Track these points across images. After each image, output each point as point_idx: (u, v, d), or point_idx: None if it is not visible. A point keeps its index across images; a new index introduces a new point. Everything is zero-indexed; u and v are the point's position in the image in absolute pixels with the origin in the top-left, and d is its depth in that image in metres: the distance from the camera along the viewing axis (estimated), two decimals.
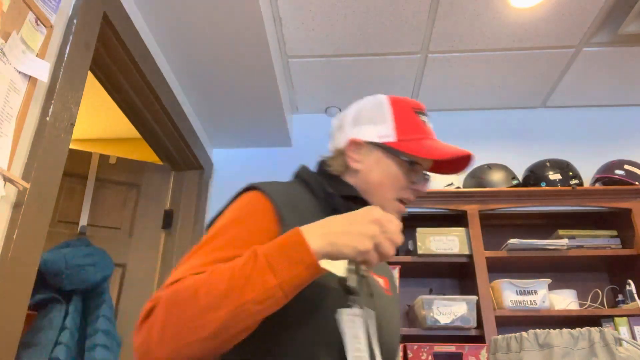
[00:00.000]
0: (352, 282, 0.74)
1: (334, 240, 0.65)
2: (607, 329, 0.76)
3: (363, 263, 0.68)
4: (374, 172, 0.91)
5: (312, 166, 0.99)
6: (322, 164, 0.97)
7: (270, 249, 0.64)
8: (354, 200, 0.89)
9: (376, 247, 0.66)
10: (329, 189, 0.89)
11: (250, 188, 0.84)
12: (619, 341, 0.73)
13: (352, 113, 0.98)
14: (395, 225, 0.68)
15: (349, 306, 0.73)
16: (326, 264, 0.72)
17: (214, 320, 0.60)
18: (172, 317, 0.61)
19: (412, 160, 0.90)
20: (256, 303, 0.61)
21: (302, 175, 0.94)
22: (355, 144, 0.93)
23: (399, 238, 0.68)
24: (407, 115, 0.93)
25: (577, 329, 0.77)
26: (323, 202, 0.88)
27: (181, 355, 0.60)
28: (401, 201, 0.91)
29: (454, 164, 0.97)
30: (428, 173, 0.96)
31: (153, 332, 0.61)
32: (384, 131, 0.91)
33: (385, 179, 0.90)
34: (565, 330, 0.76)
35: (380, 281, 0.92)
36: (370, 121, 0.94)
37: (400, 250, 2.34)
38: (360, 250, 0.65)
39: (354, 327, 0.72)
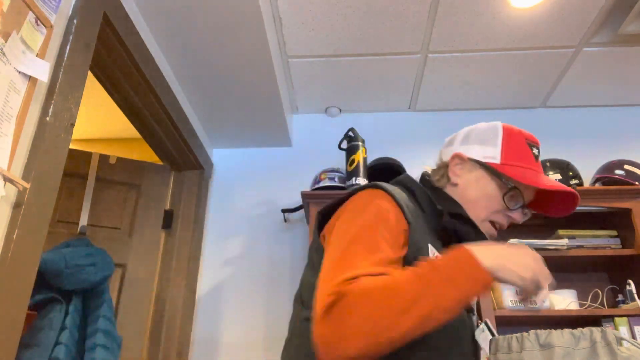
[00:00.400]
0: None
1: (504, 264, 0.70)
2: (609, 329, 0.76)
3: (523, 293, 0.76)
4: (472, 189, 0.94)
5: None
6: (425, 175, 1.01)
7: (450, 263, 0.70)
8: (458, 217, 0.92)
9: (533, 280, 0.72)
10: (438, 206, 0.92)
11: (374, 186, 0.88)
12: (620, 341, 0.73)
13: (465, 131, 1.02)
14: (547, 269, 0.74)
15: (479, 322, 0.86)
16: None
17: (406, 322, 0.64)
18: (371, 313, 0.65)
19: (511, 184, 0.92)
20: (442, 312, 0.66)
21: (407, 185, 0.96)
22: (459, 157, 0.97)
23: (550, 278, 0.74)
24: (517, 143, 0.95)
25: (578, 328, 0.76)
26: (429, 215, 0.91)
27: (370, 350, 0.64)
28: (493, 224, 0.94)
29: (559, 204, 0.98)
30: (528, 209, 0.98)
31: (350, 322, 0.65)
32: (490, 153, 0.94)
33: (482, 197, 0.93)
34: (566, 330, 0.76)
35: None
36: (479, 141, 0.97)
37: None
38: (523, 278, 0.71)
39: (483, 342, 0.84)
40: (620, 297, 2.21)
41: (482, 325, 0.89)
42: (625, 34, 2.19)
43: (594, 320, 2.10)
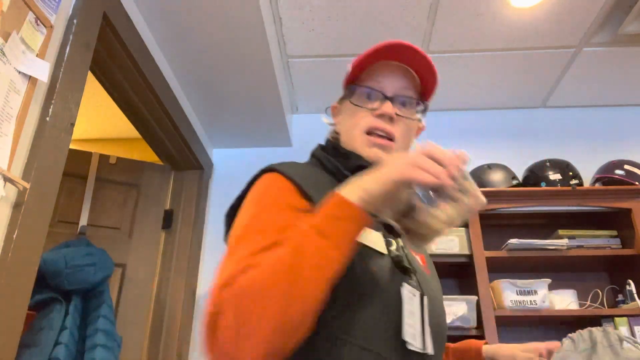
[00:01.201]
0: (406, 262, 0.76)
1: (372, 185, 0.63)
2: (610, 329, 0.76)
3: (424, 190, 0.64)
4: (344, 121, 0.91)
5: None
6: (327, 139, 0.96)
7: (314, 217, 0.63)
8: (362, 169, 0.81)
9: (420, 169, 0.61)
10: (345, 172, 0.83)
11: (267, 170, 0.80)
12: (621, 341, 0.73)
13: None
14: (430, 148, 0.63)
15: (409, 283, 0.74)
16: (370, 242, 0.73)
17: (303, 300, 0.56)
18: (261, 312, 0.54)
19: (354, 86, 0.88)
20: (332, 270, 0.60)
21: (315, 154, 0.92)
22: (333, 108, 0.96)
23: (443, 153, 0.63)
24: (368, 53, 0.88)
25: (578, 331, 0.76)
26: (340, 178, 0.82)
27: (286, 333, 0.55)
28: (370, 134, 0.85)
29: (422, 70, 0.89)
30: (405, 95, 0.88)
31: (247, 326, 0.54)
32: (350, 77, 0.91)
33: (349, 120, 0.89)
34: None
35: (418, 259, 0.89)
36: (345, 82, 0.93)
37: None
38: (404, 173, 0.62)
39: (412, 304, 0.72)
40: (620, 297, 2.21)
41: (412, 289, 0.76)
42: (625, 34, 2.19)
43: (594, 320, 2.10)
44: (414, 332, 0.70)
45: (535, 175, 2.37)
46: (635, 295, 2.09)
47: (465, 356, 1.00)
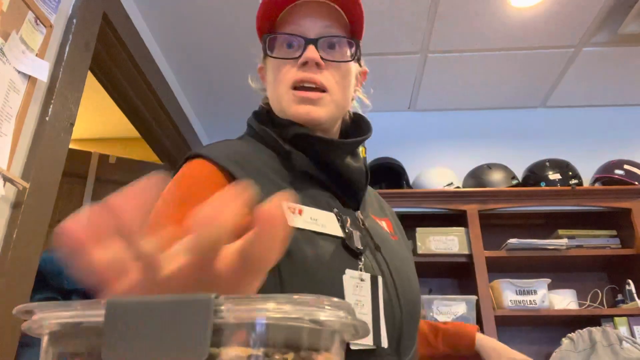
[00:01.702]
0: (356, 241, 0.66)
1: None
2: (609, 328, 0.76)
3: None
4: (270, 82, 0.78)
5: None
6: (261, 106, 0.83)
7: None
8: (300, 138, 0.72)
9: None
10: (285, 146, 0.72)
11: (191, 156, 0.69)
12: (621, 341, 0.73)
13: None
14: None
15: (355, 268, 0.64)
16: (303, 222, 0.63)
17: None
18: None
19: (269, 35, 0.76)
20: None
21: (250, 124, 0.81)
22: (260, 70, 0.83)
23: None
24: (267, 5, 0.75)
25: (577, 330, 0.76)
26: (281, 151, 0.73)
27: None
28: (297, 88, 0.72)
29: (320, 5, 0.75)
30: (315, 37, 0.74)
31: None
32: (260, 30, 0.79)
33: (272, 77, 0.76)
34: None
35: (383, 224, 0.78)
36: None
37: None
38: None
39: (359, 294, 0.63)
40: (619, 297, 2.21)
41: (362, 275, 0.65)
42: (625, 34, 2.19)
43: (594, 320, 2.10)
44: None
45: (535, 175, 2.37)
46: (635, 295, 2.09)
47: (458, 343, 0.90)
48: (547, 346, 2.11)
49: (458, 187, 2.39)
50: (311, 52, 0.71)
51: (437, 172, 2.44)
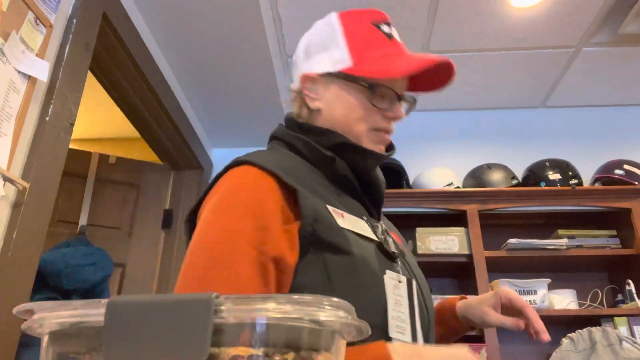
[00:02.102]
0: (391, 245, 0.71)
1: None
2: (609, 329, 0.76)
3: None
4: (337, 108, 0.78)
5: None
6: (290, 116, 0.83)
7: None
8: (343, 147, 0.76)
9: None
10: (326, 152, 0.75)
11: (240, 163, 0.69)
12: (621, 341, 0.73)
13: (304, 43, 0.83)
14: None
15: (392, 270, 0.69)
16: (348, 224, 0.67)
17: None
18: None
19: (372, 83, 0.76)
20: None
21: (284, 138, 0.80)
22: (308, 79, 0.79)
23: None
24: (362, 31, 0.78)
25: (577, 330, 0.76)
26: (318, 163, 0.76)
27: None
28: (378, 130, 0.78)
29: (435, 78, 0.82)
30: (411, 96, 0.82)
31: None
32: (338, 56, 0.77)
33: (350, 112, 0.77)
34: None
35: (395, 238, 0.82)
36: (321, 48, 0.80)
37: None
38: None
39: (397, 294, 0.67)
40: (619, 297, 2.21)
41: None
42: (625, 34, 2.19)
43: (594, 320, 2.10)
44: (402, 324, 0.65)
45: (535, 175, 2.37)
46: (635, 295, 2.09)
47: (440, 315, 0.91)
48: (547, 346, 2.11)
49: (458, 187, 2.39)
50: (400, 112, 0.79)
51: (437, 172, 2.43)
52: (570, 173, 2.34)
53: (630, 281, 2.14)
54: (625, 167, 2.32)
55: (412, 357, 0.56)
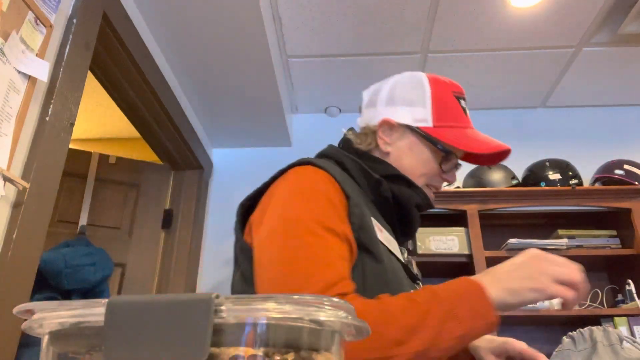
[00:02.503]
0: (415, 269, 0.80)
1: (514, 287, 0.62)
2: (610, 328, 0.76)
3: (562, 304, 0.65)
4: (406, 157, 0.86)
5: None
6: (349, 142, 0.90)
7: (452, 294, 0.61)
8: (395, 180, 0.84)
9: (554, 286, 0.62)
10: (375, 175, 0.82)
11: (303, 163, 0.77)
12: (622, 341, 0.73)
13: (387, 89, 0.91)
14: (567, 264, 0.64)
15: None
16: (384, 239, 0.74)
17: (403, 354, 0.57)
18: (364, 340, 0.56)
19: (449, 150, 0.86)
20: (439, 350, 0.58)
21: (334, 157, 0.86)
22: (387, 124, 0.87)
23: (577, 271, 0.63)
24: (446, 99, 0.87)
25: (578, 329, 0.76)
26: (363, 187, 0.83)
27: None
28: (431, 186, 0.88)
29: (490, 156, 0.92)
30: (460, 162, 0.92)
31: None
32: (420, 114, 0.85)
33: (418, 165, 0.86)
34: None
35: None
36: (406, 102, 0.87)
37: None
38: (540, 290, 0.62)
39: None
40: (619, 297, 2.21)
41: None
42: (625, 34, 2.19)
43: (594, 320, 2.10)
44: None
45: (535, 175, 2.37)
46: (635, 295, 2.09)
47: None
48: (547, 346, 2.11)
49: (458, 187, 2.39)
50: (455, 177, 0.91)
51: None
52: (570, 173, 2.34)
53: (630, 281, 2.14)
54: (625, 167, 2.32)
55: (495, 279, 0.63)
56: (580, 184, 2.32)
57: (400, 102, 0.88)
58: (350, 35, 2.24)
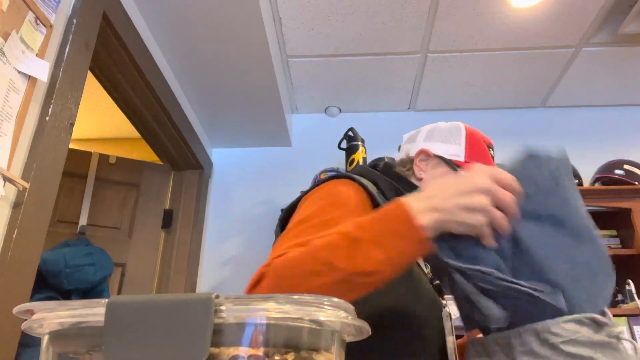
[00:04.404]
0: (440, 282, 0.85)
1: (442, 217, 0.60)
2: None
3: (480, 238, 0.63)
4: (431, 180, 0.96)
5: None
6: (389, 166, 1.01)
7: (375, 221, 0.62)
8: None
9: (489, 221, 0.61)
10: (405, 193, 0.87)
11: (342, 176, 0.86)
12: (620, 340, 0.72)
13: (428, 129, 1.04)
14: (506, 186, 0.63)
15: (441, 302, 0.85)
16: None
17: (319, 286, 0.57)
18: (278, 285, 0.59)
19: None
20: (362, 275, 0.58)
21: (368, 175, 0.92)
22: (425, 153, 1.00)
23: (511, 204, 0.62)
24: (478, 143, 1.00)
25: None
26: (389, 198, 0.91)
27: None
28: None
29: None
30: None
31: (276, 290, 0.60)
32: (455, 150, 0.98)
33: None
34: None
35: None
36: (443, 139, 1.00)
37: None
38: (472, 225, 0.60)
39: (448, 323, 0.83)
40: (619, 297, 2.21)
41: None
42: (625, 34, 2.19)
43: None
44: (452, 347, 0.81)
45: None
46: (635, 295, 2.09)
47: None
48: None
49: None
50: None
51: None
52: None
53: (630, 281, 2.14)
54: (625, 167, 2.32)
55: (424, 199, 0.62)
56: (580, 184, 2.32)
57: (437, 138, 1.01)
58: (350, 35, 2.24)
